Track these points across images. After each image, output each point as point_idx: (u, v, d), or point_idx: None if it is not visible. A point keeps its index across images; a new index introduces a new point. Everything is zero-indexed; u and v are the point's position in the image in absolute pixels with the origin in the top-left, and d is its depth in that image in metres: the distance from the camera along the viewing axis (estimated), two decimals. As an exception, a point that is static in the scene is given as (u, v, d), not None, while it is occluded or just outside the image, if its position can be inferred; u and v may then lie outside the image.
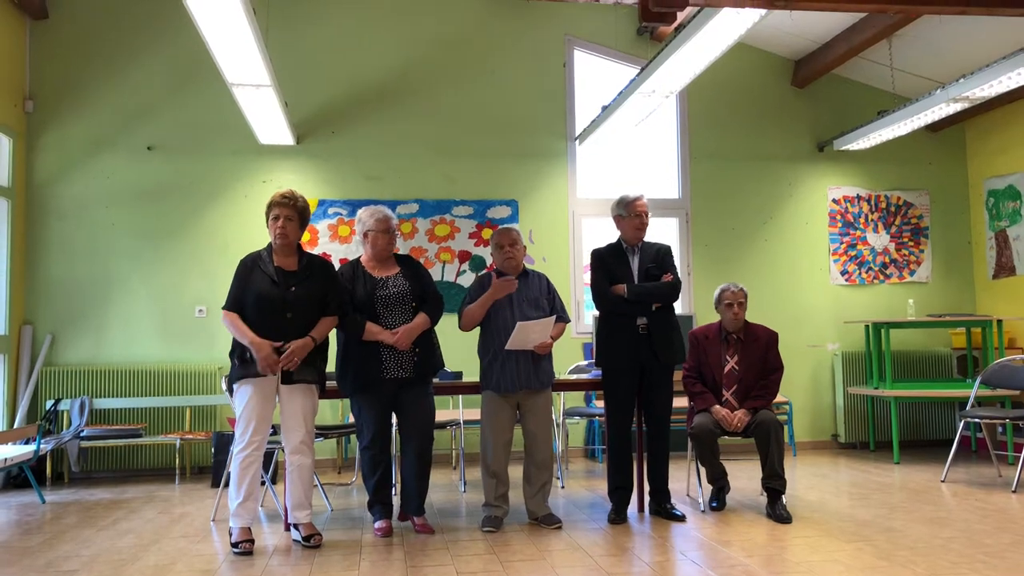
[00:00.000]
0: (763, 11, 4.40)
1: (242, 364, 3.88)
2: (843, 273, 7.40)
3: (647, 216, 4.46)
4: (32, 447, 5.26)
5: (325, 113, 6.89)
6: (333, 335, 4.12)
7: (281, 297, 3.89)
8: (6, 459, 4.97)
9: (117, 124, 6.62)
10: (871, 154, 7.44)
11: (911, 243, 7.49)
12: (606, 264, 4.46)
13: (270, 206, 3.98)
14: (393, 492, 4.35)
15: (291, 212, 3.95)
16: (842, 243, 7.42)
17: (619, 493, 4.42)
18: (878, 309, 7.38)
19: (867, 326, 6.92)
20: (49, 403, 6.14)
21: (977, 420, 5.48)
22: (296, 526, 3.99)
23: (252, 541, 3.87)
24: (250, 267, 3.97)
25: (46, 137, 6.52)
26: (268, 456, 4.26)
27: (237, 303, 3.90)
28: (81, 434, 5.94)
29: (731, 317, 4.61)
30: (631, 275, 4.42)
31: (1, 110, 6.06)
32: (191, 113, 6.71)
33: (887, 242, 7.46)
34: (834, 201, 7.45)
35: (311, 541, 3.91)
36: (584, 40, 7.28)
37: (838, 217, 7.44)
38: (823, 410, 7.28)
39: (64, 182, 6.52)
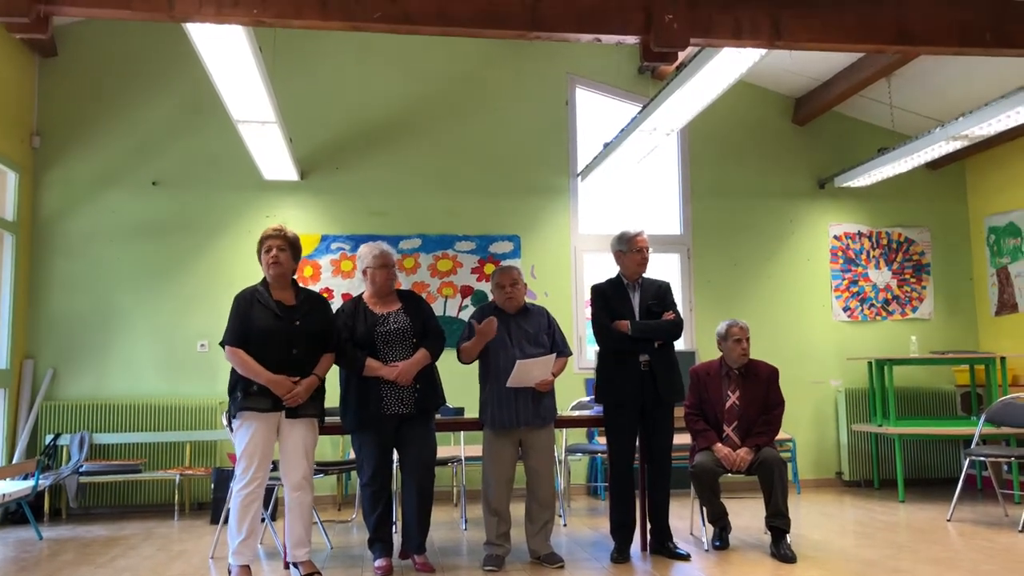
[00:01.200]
0: (763, 51, 4.46)
1: (246, 397, 3.83)
2: (845, 309, 7.39)
3: (648, 251, 4.47)
4: (30, 483, 5.23)
5: (329, 149, 6.94)
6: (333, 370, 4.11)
7: (287, 331, 3.88)
8: (4, 495, 4.93)
9: (122, 160, 6.68)
10: (872, 191, 7.47)
11: (913, 280, 7.50)
12: (607, 300, 4.46)
13: (261, 240, 3.99)
14: (394, 529, 4.30)
15: (283, 243, 3.95)
16: (844, 279, 7.42)
17: (621, 531, 4.37)
18: (881, 346, 7.36)
19: (870, 363, 6.90)
20: (49, 438, 6.11)
21: (982, 458, 5.44)
22: (296, 564, 3.94)
23: (251, 579, 3.82)
24: (249, 301, 3.95)
25: (52, 173, 6.57)
26: (268, 492, 4.22)
27: (239, 338, 3.87)
28: (80, 469, 5.90)
29: (740, 352, 4.60)
30: (632, 311, 4.41)
31: (8, 146, 6.12)
32: (195, 149, 6.76)
33: (889, 278, 7.47)
34: (835, 238, 7.46)
35: None
36: (586, 78, 7.35)
37: (839, 254, 7.45)
38: (827, 447, 7.23)
39: (69, 217, 6.55)
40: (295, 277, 4.10)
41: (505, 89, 7.22)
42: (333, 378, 4.08)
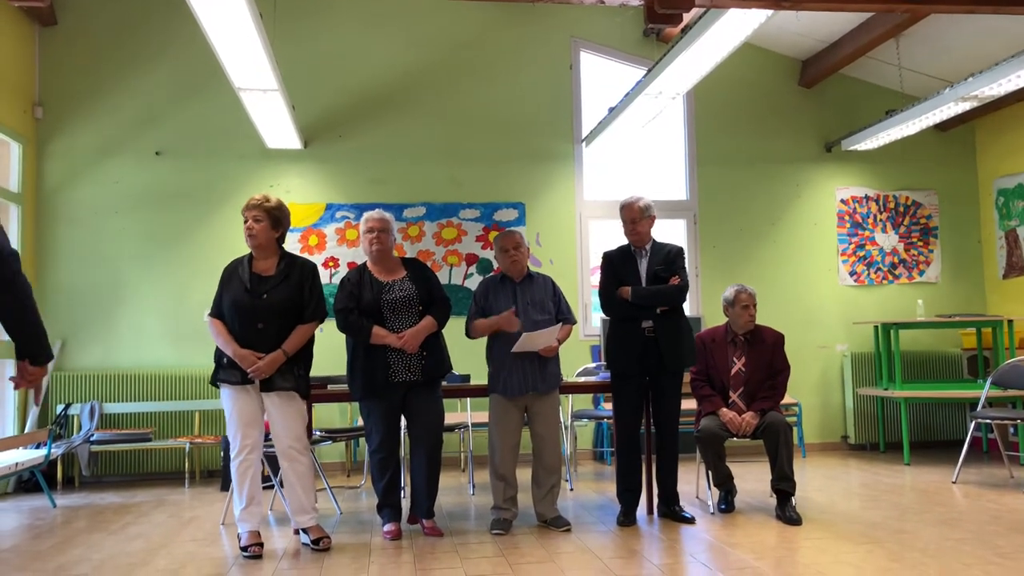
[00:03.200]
0: (769, 11, 4.40)
1: (219, 369, 3.92)
2: (852, 274, 7.37)
3: (637, 222, 4.38)
4: (43, 451, 5.29)
5: (332, 117, 6.90)
6: (326, 338, 4.11)
7: (252, 306, 3.87)
8: (18, 463, 4.99)
9: (125, 129, 6.65)
10: (879, 154, 7.41)
11: (920, 243, 7.46)
12: (614, 267, 4.45)
13: (244, 210, 3.98)
14: (402, 495, 4.35)
15: (259, 213, 3.93)
16: (851, 244, 7.39)
17: (627, 495, 4.41)
18: (887, 310, 7.34)
19: (876, 327, 6.89)
20: (60, 408, 6.17)
21: (988, 421, 5.45)
22: (304, 530, 3.99)
23: (261, 544, 3.88)
24: (230, 273, 3.99)
25: (55, 143, 6.55)
26: (274, 460, 4.27)
27: (219, 309, 3.95)
28: (91, 438, 5.96)
29: (747, 319, 4.60)
30: (639, 277, 4.40)
31: (11, 116, 6.10)
32: (199, 118, 6.73)
33: (896, 242, 7.43)
34: (842, 201, 7.42)
35: (320, 544, 3.92)
36: (590, 42, 7.27)
37: (846, 217, 7.41)
38: (832, 411, 7.25)
39: (73, 188, 6.55)
40: (283, 245, 4.06)
41: (508, 55, 7.15)
42: (337, 347, 4.09)
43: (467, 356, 5.31)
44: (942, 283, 7.45)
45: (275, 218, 3.96)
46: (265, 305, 3.88)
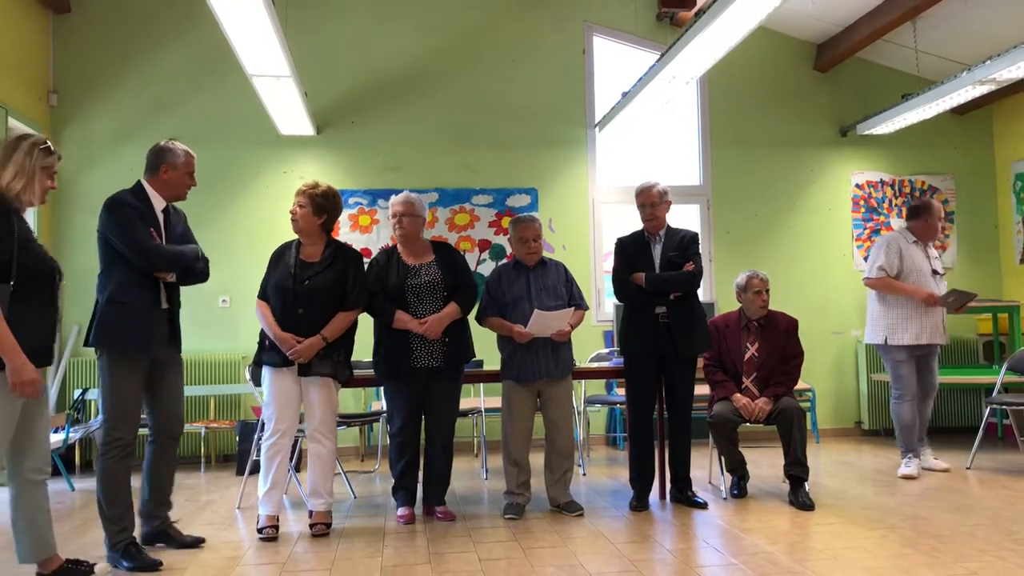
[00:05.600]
0: (784, -6, 4.35)
1: (261, 350, 4.01)
2: (867, 259, 7.31)
3: (656, 207, 4.39)
4: (61, 436, 5.35)
5: (345, 103, 6.90)
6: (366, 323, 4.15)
7: (293, 291, 3.92)
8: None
9: (139, 116, 6.68)
10: (895, 138, 7.33)
11: (936, 228, 7.39)
12: (627, 253, 4.45)
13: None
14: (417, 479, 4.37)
15: (304, 200, 3.99)
16: (865, 229, 7.34)
17: (640, 481, 4.42)
18: (902, 295, 7.29)
19: (891, 312, 6.84)
20: (77, 392, 6.22)
21: (1004, 406, 5.42)
22: (310, 512, 4.03)
23: (277, 527, 3.92)
24: (278, 256, 4.08)
25: (70, 130, 6.58)
26: (292, 445, 4.31)
27: (266, 291, 4.02)
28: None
29: (760, 304, 4.59)
30: (652, 263, 4.39)
31: (27, 104, 6.13)
32: (212, 105, 6.75)
33: (912, 227, 7.36)
34: (857, 186, 7.37)
35: (314, 529, 3.94)
36: (603, 26, 7.23)
37: (861, 202, 7.36)
38: (847, 397, 7.23)
39: (88, 175, 6.58)
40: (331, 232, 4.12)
41: (521, 40, 7.12)
42: (365, 331, 4.13)
43: (480, 342, 5.31)
44: (958, 268, 7.39)
45: (318, 205, 3.99)
46: (306, 291, 3.92)
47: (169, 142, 3.80)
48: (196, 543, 3.75)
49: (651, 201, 4.39)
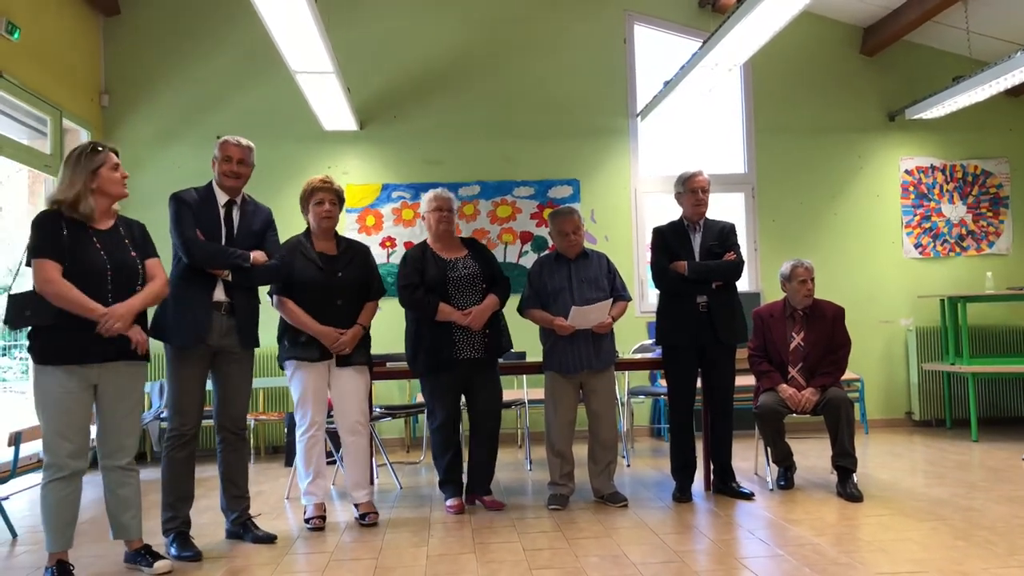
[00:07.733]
0: (829, -22, 4.27)
1: (294, 346, 3.95)
2: (917, 246, 7.17)
3: (705, 193, 4.38)
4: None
5: (387, 98, 6.96)
6: (385, 315, 4.20)
7: (329, 283, 3.95)
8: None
9: (185, 115, 6.82)
10: (946, 122, 7.15)
11: (989, 214, 7.21)
12: (666, 242, 4.42)
13: (311, 191, 4.05)
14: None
15: (334, 196, 4.05)
16: (915, 215, 7.18)
17: (682, 471, 4.40)
18: (954, 283, 7.13)
19: (942, 300, 6.70)
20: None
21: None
22: (356, 504, 4.08)
23: (324, 517, 3.99)
24: (292, 252, 4.01)
25: (121, 130, 6.75)
26: (336, 435, 4.37)
27: (286, 287, 3.96)
28: (161, 416, 6.17)
29: (804, 293, 4.53)
30: (692, 253, 4.37)
31: (79, 105, 6.30)
32: (256, 102, 6.86)
33: (963, 213, 7.20)
34: (907, 172, 7.21)
35: (366, 519, 4.00)
36: (644, 15, 7.17)
37: (911, 189, 7.20)
38: (896, 387, 7.09)
39: (138, 173, 6.71)
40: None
41: (561, 30, 7.10)
42: (395, 324, 4.16)
43: (523, 334, 5.33)
44: (1013, 254, 7.20)
45: (343, 202, 4.15)
46: (341, 283, 3.97)
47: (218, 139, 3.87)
48: (269, 539, 3.73)
49: (702, 186, 4.38)
